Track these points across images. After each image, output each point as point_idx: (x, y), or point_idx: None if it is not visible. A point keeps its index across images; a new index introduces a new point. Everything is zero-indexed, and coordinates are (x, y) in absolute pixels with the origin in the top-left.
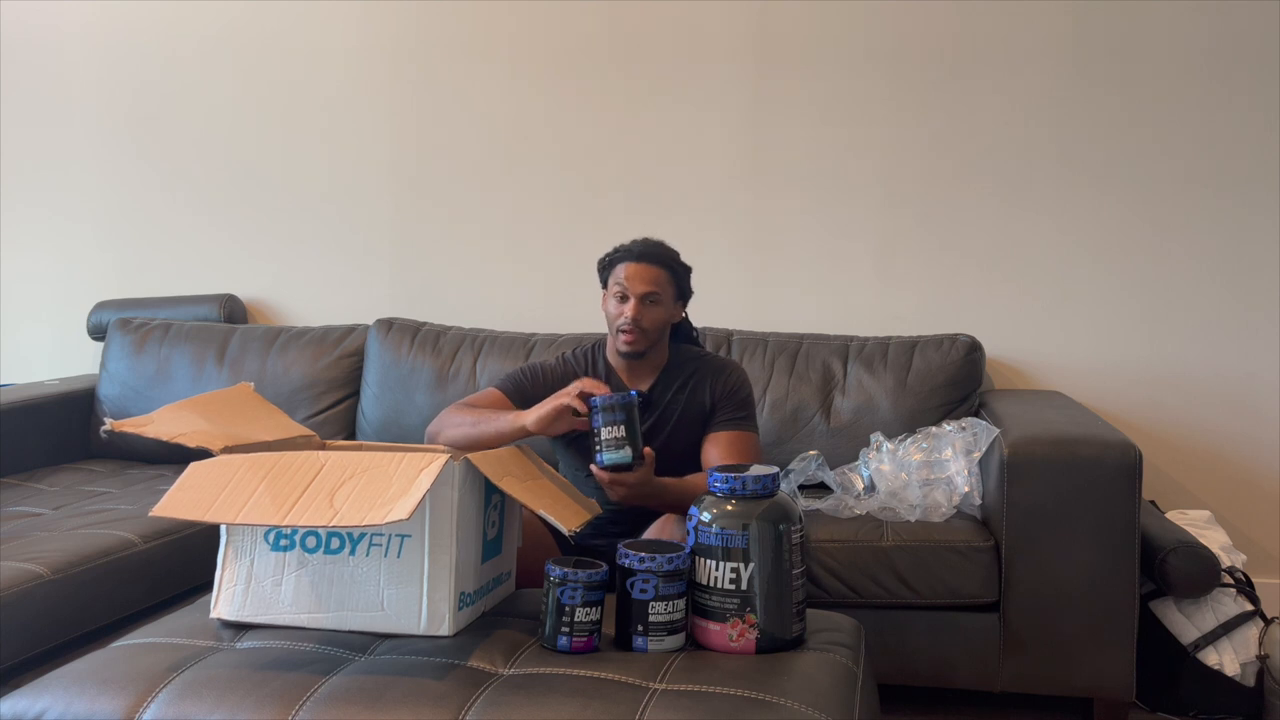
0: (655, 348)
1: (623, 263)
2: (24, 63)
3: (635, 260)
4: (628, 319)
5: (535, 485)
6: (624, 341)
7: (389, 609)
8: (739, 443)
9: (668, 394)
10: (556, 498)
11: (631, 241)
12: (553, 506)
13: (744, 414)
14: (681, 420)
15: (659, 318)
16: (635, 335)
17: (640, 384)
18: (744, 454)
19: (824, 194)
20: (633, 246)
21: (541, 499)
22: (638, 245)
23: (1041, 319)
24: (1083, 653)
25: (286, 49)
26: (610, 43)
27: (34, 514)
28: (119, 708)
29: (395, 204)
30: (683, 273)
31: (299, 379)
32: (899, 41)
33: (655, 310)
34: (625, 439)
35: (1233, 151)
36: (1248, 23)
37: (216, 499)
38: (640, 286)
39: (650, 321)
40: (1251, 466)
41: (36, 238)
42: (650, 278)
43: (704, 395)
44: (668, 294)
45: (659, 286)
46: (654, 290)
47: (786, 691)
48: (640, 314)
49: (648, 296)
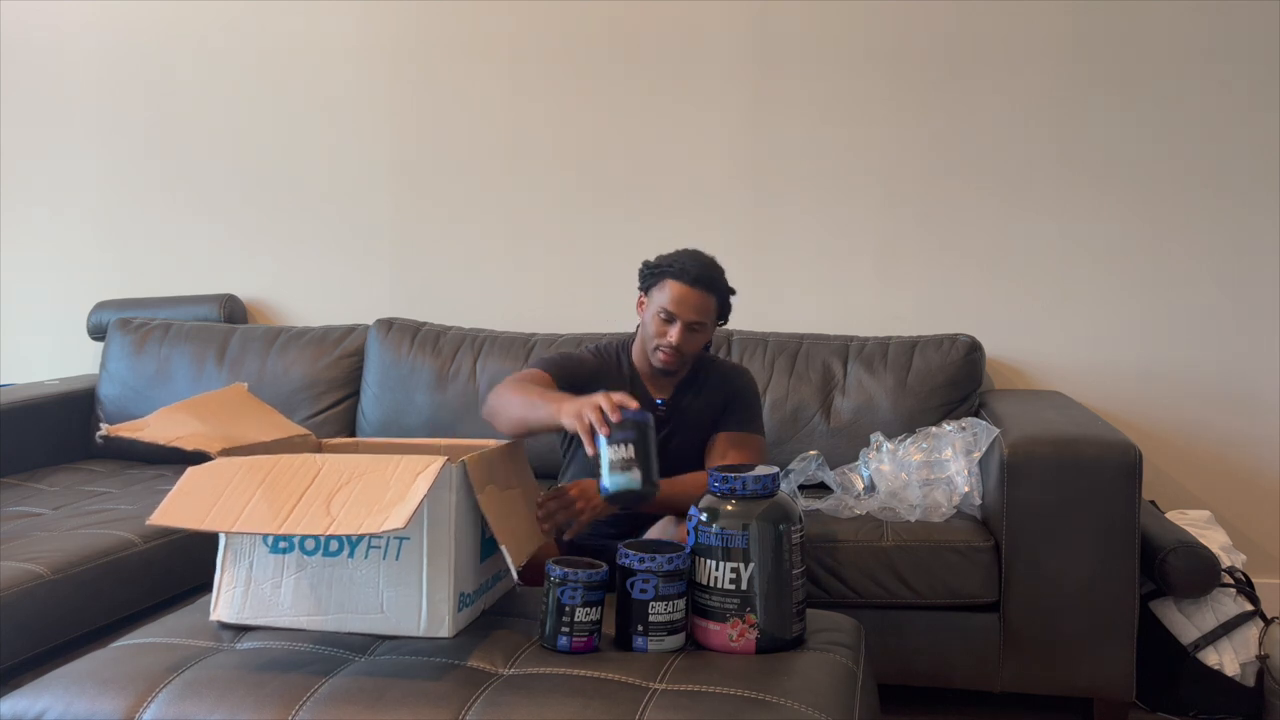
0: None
1: (675, 280)
2: (24, 63)
3: (691, 284)
4: (671, 344)
5: (511, 496)
6: (661, 361)
7: (388, 611)
8: (745, 444)
9: (685, 402)
10: (521, 519)
11: (686, 256)
12: (514, 533)
13: (750, 416)
14: (695, 426)
15: (700, 343)
16: (673, 359)
17: (662, 393)
18: (749, 456)
19: (824, 194)
20: (689, 266)
21: (508, 522)
22: (694, 267)
23: (1041, 319)
24: (1083, 653)
25: (287, 49)
26: (610, 42)
27: (34, 514)
28: (119, 708)
29: (395, 204)
30: (728, 298)
31: (299, 379)
32: (899, 41)
33: (698, 337)
34: (634, 460)
35: (1233, 151)
36: (1248, 23)
37: (213, 506)
38: (690, 314)
39: (692, 347)
40: (1251, 466)
41: (36, 238)
42: (700, 306)
43: (715, 400)
44: (712, 321)
45: (706, 316)
46: (701, 320)
47: (786, 691)
48: (684, 340)
49: (694, 325)
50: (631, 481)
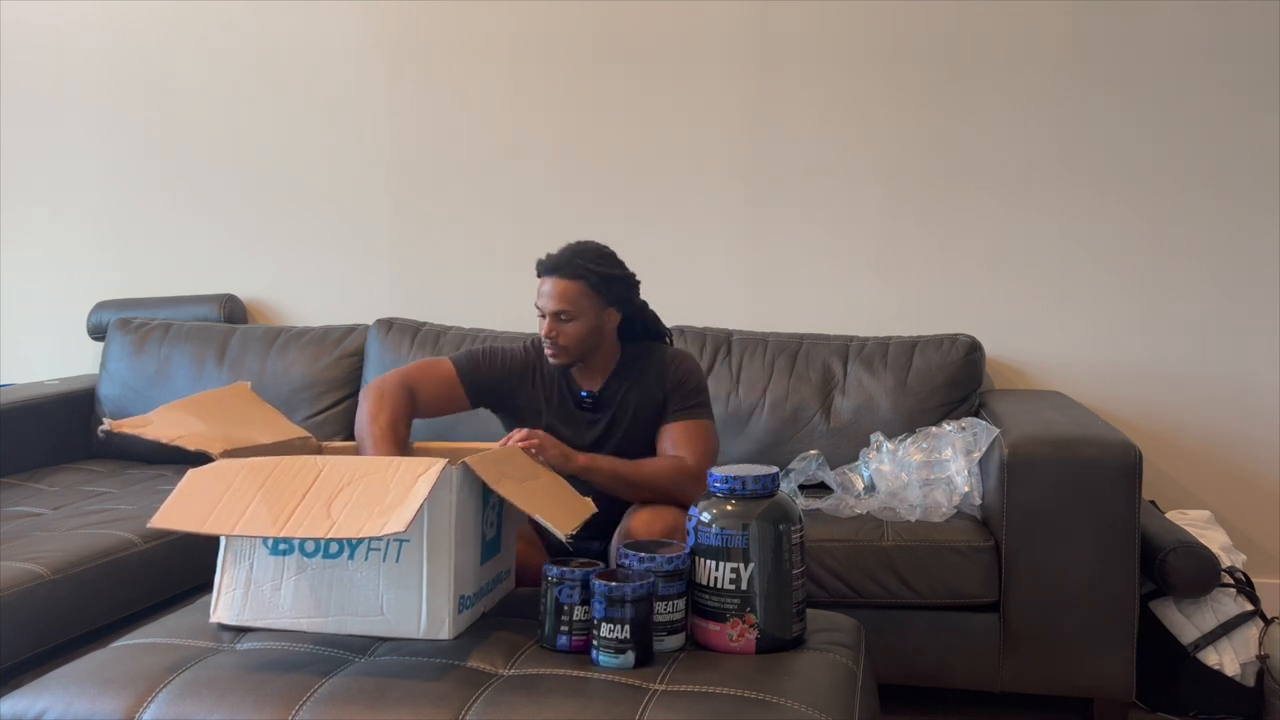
0: (595, 354)
1: (540, 276)
2: (24, 63)
3: (544, 274)
4: (545, 337)
5: (532, 486)
6: (549, 355)
7: (388, 613)
8: (692, 431)
9: (619, 394)
10: (553, 499)
11: (558, 250)
12: (548, 509)
13: (694, 402)
14: (636, 417)
15: (576, 332)
16: (555, 351)
17: (590, 384)
18: (697, 442)
19: (824, 194)
20: (546, 259)
21: (537, 501)
22: (550, 258)
23: (1041, 319)
24: (1083, 653)
25: (287, 49)
26: (610, 42)
27: (34, 514)
28: (119, 708)
29: (395, 204)
30: (603, 281)
31: (299, 379)
32: (899, 41)
33: (570, 326)
34: (629, 642)
35: (1233, 151)
36: (1248, 22)
37: (214, 509)
38: (549, 304)
39: (568, 338)
40: (1251, 466)
41: (36, 238)
42: (558, 293)
43: (655, 389)
44: (586, 306)
45: (569, 302)
46: (564, 307)
47: (786, 691)
48: (555, 331)
49: (560, 314)
50: (625, 663)
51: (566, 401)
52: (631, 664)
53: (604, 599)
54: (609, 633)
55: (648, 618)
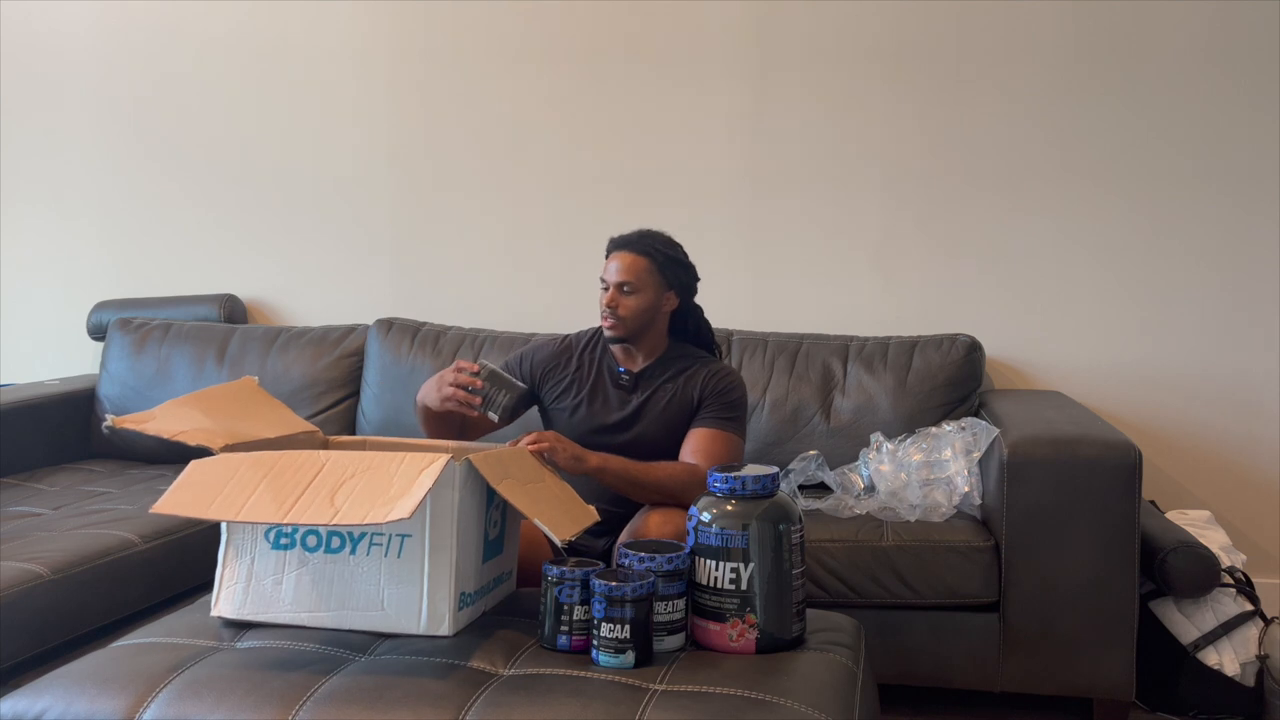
0: (645, 335)
1: (608, 252)
2: (24, 63)
3: (615, 248)
4: (605, 306)
5: (535, 489)
6: (606, 326)
7: (389, 608)
8: (717, 441)
9: (656, 381)
10: (555, 504)
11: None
12: (548, 513)
13: (728, 414)
14: (667, 407)
15: (636, 306)
16: (613, 322)
17: (632, 365)
18: (719, 452)
19: (824, 194)
20: (617, 236)
21: (537, 505)
22: (622, 236)
23: (1041, 319)
24: (1083, 653)
25: (287, 49)
26: (611, 43)
27: (34, 514)
28: (119, 708)
29: (395, 204)
30: (669, 262)
31: (299, 379)
32: (899, 41)
33: (631, 299)
34: (629, 642)
35: (1233, 151)
36: (1248, 22)
37: (217, 497)
38: (614, 276)
39: (627, 310)
40: (1251, 466)
41: (36, 237)
42: (625, 266)
43: (694, 388)
44: (649, 283)
45: (634, 275)
46: (628, 280)
47: (786, 691)
48: (615, 301)
49: (623, 285)
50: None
51: (603, 376)
52: (631, 664)
53: (604, 599)
54: (609, 632)
55: (648, 618)
